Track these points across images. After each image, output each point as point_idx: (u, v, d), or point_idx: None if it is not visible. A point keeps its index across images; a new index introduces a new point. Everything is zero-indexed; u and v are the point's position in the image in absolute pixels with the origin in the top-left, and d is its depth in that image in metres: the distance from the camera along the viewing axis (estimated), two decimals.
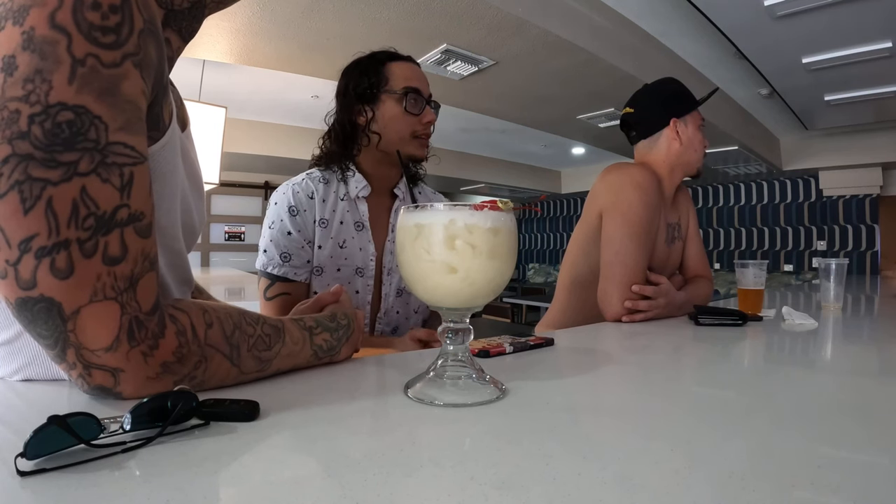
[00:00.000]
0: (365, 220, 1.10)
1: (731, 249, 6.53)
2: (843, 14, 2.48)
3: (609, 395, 0.55)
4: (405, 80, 1.07)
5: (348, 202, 1.10)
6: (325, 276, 1.08)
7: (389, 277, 1.14)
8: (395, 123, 1.07)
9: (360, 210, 1.10)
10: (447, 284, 0.47)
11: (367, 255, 1.10)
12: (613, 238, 1.13)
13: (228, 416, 0.39)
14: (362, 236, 1.10)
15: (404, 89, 1.06)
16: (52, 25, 0.35)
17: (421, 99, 1.08)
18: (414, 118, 1.07)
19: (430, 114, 1.09)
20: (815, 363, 0.76)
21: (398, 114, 1.06)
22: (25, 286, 0.37)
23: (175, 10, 0.51)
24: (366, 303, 1.11)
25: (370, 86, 1.07)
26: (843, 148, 5.04)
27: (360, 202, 1.11)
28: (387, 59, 1.10)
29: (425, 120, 1.08)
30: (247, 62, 2.92)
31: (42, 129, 0.35)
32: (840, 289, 1.33)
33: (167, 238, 0.52)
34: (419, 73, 1.11)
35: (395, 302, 1.15)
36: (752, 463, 0.33)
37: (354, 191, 1.09)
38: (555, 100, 3.73)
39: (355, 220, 1.10)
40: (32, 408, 0.43)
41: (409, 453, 0.35)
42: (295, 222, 1.05)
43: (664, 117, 1.25)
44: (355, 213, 1.10)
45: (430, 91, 1.11)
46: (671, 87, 1.29)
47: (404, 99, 1.06)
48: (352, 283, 1.09)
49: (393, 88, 1.07)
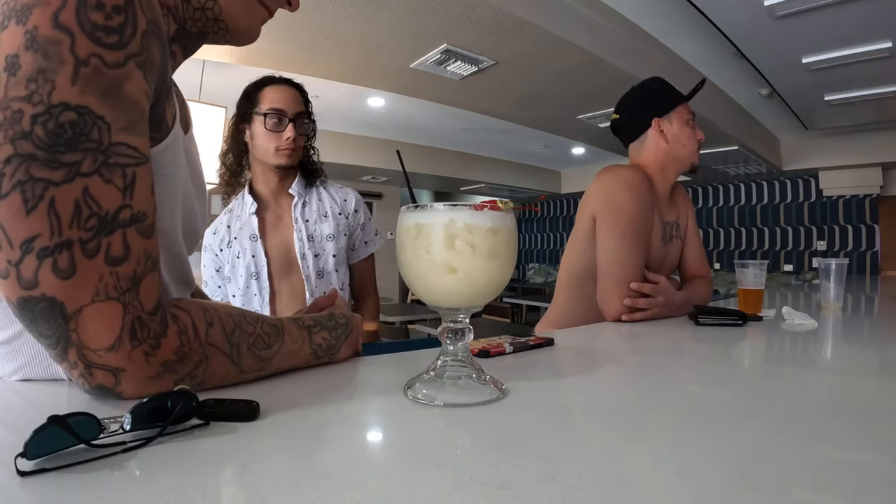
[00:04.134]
0: (256, 231, 1.33)
1: (731, 249, 6.53)
2: (843, 14, 2.48)
3: (609, 395, 0.55)
4: (270, 102, 1.29)
5: (244, 220, 1.35)
6: (232, 283, 1.35)
7: (304, 261, 1.34)
8: (262, 139, 1.30)
9: (252, 225, 1.34)
10: (447, 284, 0.47)
11: (260, 262, 1.33)
12: (608, 238, 1.14)
13: (228, 416, 0.39)
14: (254, 246, 1.33)
15: (267, 111, 1.28)
16: (55, 25, 0.35)
17: (284, 118, 1.28)
18: (276, 135, 1.29)
19: (291, 131, 1.29)
20: (815, 363, 0.76)
21: (263, 131, 1.29)
22: (27, 286, 0.37)
23: (186, 30, 0.52)
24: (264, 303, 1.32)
25: (247, 107, 1.31)
26: (843, 148, 5.04)
27: (252, 218, 1.34)
28: (264, 83, 1.32)
29: (285, 136, 1.29)
30: (247, 62, 2.92)
31: (45, 129, 0.35)
32: (840, 289, 1.33)
33: (167, 240, 0.52)
34: (287, 95, 1.30)
35: (318, 283, 1.36)
36: (752, 463, 0.33)
37: (247, 209, 1.35)
38: (555, 100, 3.73)
39: (250, 234, 1.33)
40: (32, 408, 0.43)
41: (409, 453, 0.35)
42: (205, 256, 1.39)
43: (646, 118, 1.26)
44: (249, 228, 1.34)
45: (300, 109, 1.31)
46: (651, 87, 1.30)
47: (265, 120, 1.28)
48: (250, 287, 1.33)
49: (259, 111, 1.29)
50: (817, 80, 3.39)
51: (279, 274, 1.34)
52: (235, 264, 1.33)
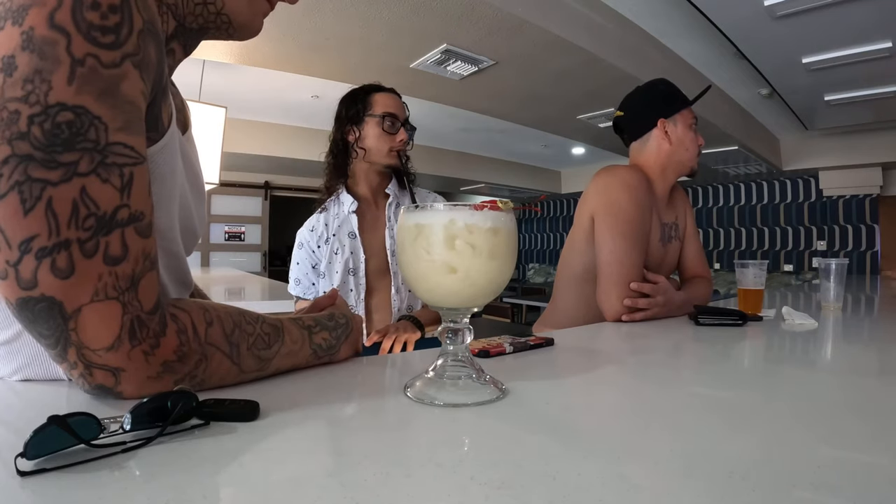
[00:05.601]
0: (356, 229, 1.38)
1: (731, 249, 6.53)
2: (843, 14, 2.48)
3: (609, 395, 0.55)
4: (384, 107, 1.36)
5: (342, 218, 1.39)
6: (327, 277, 1.39)
7: (394, 258, 1.37)
8: (376, 140, 1.35)
9: (351, 223, 1.39)
10: (447, 284, 0.47)
11: (359, 259, 1.37)
12: (606, 239, 1.14)
13: (228, 416, 0.39)
14: (353, 243, 1.38)
15: (383, 114, 1.35)
16: (51, 25, 0.35)
17: (396, 121, 1.36)
18: (390, 136, 1.35)
19: (403, 133, 1.37)
20: (815, 363, 0.76)
21: (378, 133, 1.34)
22: (26, 286, 0.37)
23: (186, 27, 0.52)
24: (360, 298, 1.37)
25: (358, 111, 1.36)
26: (843, 148, 5.04)
27: (351, 216, 1.39)
28: (372, 90, 1.39)
29: (399, 139, 1.36)
30: (247, 62, 2.92)
31: (42, 129, 0.35)
32: (840, 289, 1.33)
33: (165, 240, 0.51)
34: (397, 102, 1.39)
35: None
36: (752, 463, 0.33)
37: (346, 208, 1.39)
38: (555, 100, 3.73)
39: (348, 231, 1.38)
40: (32, 408, 0.42)
41: (409, 453, 0.35)
42: (299, 254, 1.41)
43: (652, 118, 1.26)
44: (347, 226, 1.39)
45: (406, 115, 1.40)
46: (659, 88, 1.31)
47: (382, 121, 1.34)
48: (346, 282, 1.37)
49: (374, 113, 1.35)
50: (817, 80, 3.38)
51: (376, 270, 1.39)
52: (333, 260, 1.37)
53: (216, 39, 0.56)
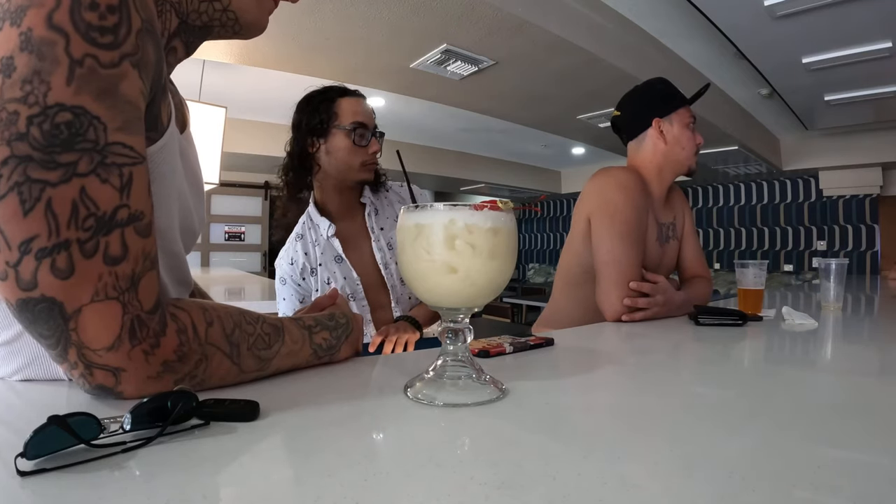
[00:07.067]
0: (340, 252, 1.27)
1: (731, 249, 6.53)
2: (843, 14, 2.48)
3: (609, 395, 0.55)
4: (353, 116, 1.21)
5: (323, 244, 1.27)
6: None
7: (388, 271, 1.28)
8: (346, 154, 1.20)
9: (334, 247, 1.27)
10: (447, 284, 0.47)
11: (353, 282, 1.27)
12: (604, 240, 1.14)
13: (228, 416, 0.39)
14: (343, 267, 1.27)
15: (352, 125, 1.20)
16: (49, 26, 0.35)
17: (367, 132, 1.22)
18: (362, 149, 1.21)
19: (376, 144, 1.23)
20: (815, 363, 0.76)
21: (348, 146, 1.20)
22: (26, 287, 0.37)
23: (188, 24, 0.52)
24: (367, 321, 1.26)
25: (321, 121, 1.20)
26: (843, 148, 5.04)
27: (332, 240, 1.26)
28: (335, 94, 1.23)
29: (371, 150, 1.22)
30: (247, 62, 2.92)
31: (41, 130, 0.35)
32: (840, 289, 1.33)
33: (165, 240, 0.51)
34: (365, 108, 1.25)
35: (402, 290, 1.30)
36: (752, 463, 0.33)
37: (324, 233, 1.27)
38: (555, 100, 3.73)
39: (334, 256, 1.27)
40: (32, 408, 0.43)
41: (409, 453, 0.35)
42: (284, 290, 1.31)
43: (647, 117, 1.26)
44: (331, 251, 1.27)
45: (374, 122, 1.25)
46: (657, 87, 1.30)
47: (352, 134, 1.20)
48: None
49: (342, 124, 1.20)
50: (817, 80, 3.38)
51: (372, 286, 1.29)
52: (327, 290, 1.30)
53: (221, 38, 0.56)
